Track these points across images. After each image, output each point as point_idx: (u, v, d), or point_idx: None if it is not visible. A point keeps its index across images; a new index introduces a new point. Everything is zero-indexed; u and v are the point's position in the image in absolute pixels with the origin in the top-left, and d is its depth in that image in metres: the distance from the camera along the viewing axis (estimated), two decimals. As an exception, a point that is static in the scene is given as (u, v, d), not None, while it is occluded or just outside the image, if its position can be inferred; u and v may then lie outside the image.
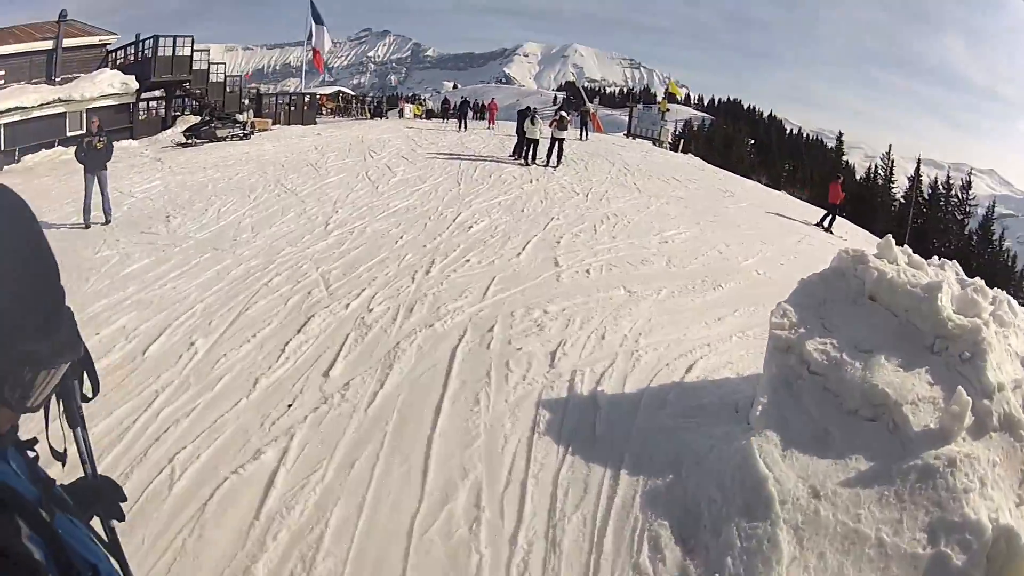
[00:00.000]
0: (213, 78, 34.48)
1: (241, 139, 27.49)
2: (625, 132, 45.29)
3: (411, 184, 17.35)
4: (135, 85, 29.55)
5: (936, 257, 6.61)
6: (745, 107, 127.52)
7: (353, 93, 59.98)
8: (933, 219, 61.16)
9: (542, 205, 15.77)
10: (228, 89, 35.64)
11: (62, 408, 1.38)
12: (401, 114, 44.39)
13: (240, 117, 29.48)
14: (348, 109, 46.72)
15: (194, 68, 32.46)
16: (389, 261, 10.64)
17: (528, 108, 23.19)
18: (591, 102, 39.98)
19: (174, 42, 30.97)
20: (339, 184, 17.09)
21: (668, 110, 44.95)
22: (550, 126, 22.84)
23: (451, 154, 23.58)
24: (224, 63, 39.14)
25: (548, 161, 22.07)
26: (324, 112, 45.20)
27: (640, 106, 47.08)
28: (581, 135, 32.91)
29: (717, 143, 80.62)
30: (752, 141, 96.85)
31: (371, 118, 42.72)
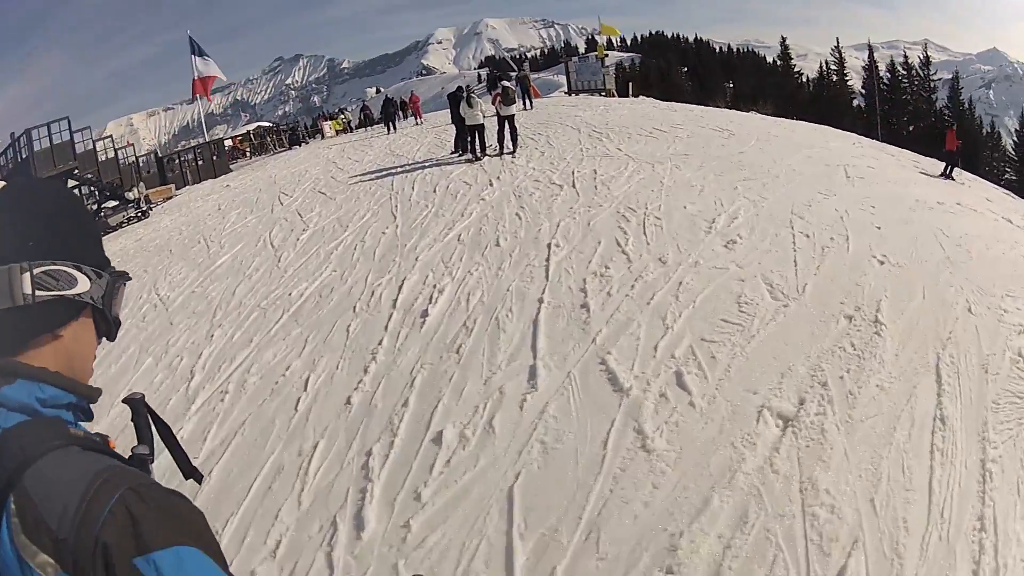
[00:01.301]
0: (102, 156, 29.21)
1: (138, 220, 22.78)
2: (566, 90, 40.14)
3: (328, 238, 12.02)
4: (21, 192, 24.17)
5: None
6: (669, 36, 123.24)
7: (270, 125, 53.92)
8: (900, 104, 56.00)
9: (521, 221, 10.46)
10: (122, 162, 30.39)
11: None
12: (322, 135, 38.75)
13: (130, 195, 24.76)
14: (264, 145, 40.80)
15: (78, 152, 27.24)
16: (278, 491, 5.06)
17: (459, 88, 17.54)
18: (521, 69, 34.29)
19: (49, 129, 25.85)
20: (229, 270, 11.71)
21: (607, 55, 39.44)
22: (493, 103, 17.23)
23: (380, 170, 18.26)
24: (111, 136, 33.90)
25: (502, 148, 16.84)
26: (243, 154, 39.77)
27: (575, 59, 41.34)
28: (524, 104, 28.05)
29: (653, 79, 75.33)
30: (685, 69, 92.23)
31: (289, 148, 36.95)
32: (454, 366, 6.21)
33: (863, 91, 61.30)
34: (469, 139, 16.77)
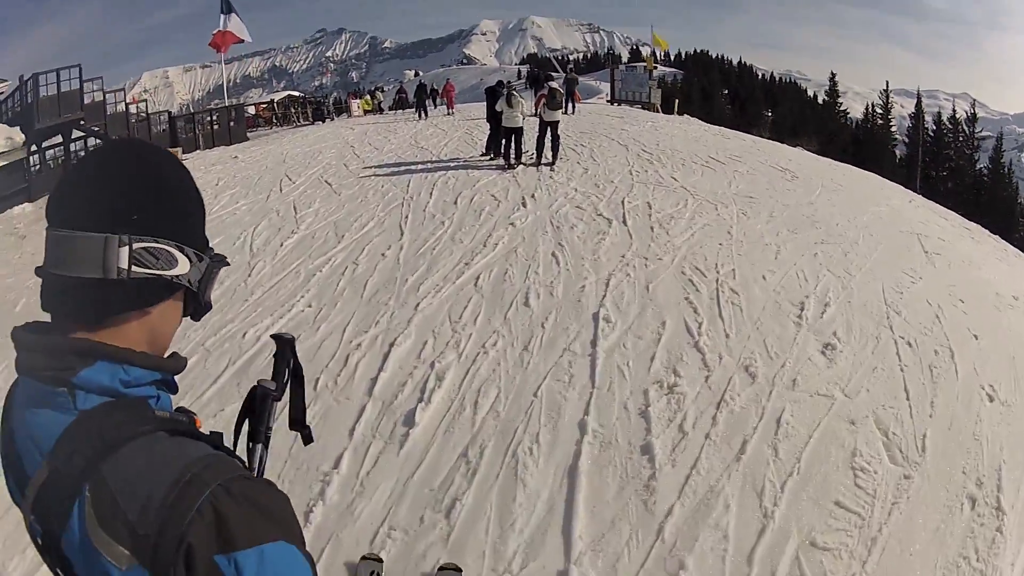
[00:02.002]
0: (111, 109, 27.44)
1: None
2: (608, 98, 37.72)
3: (316, 251, 9.67)
4: (21, 138, 22.88)
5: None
6: (713, 56, 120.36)
7: (299, 95, 51.49)
8: (941, 158, 53.19)
9: (559, 268, 8.11)
10: (133, 118, 28.53)
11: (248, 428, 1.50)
12: (348, 113, 36.41)
13: None
14: (287, 116, 38.48)
15: (86, 103, 25.44)
16: None
17: (500, 83, 15.19)
18: (568, 72, 31.81)
19: (58, 76, 24.10)
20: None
21: (656, 68, 37.03)
22: (536, 105, 14.87)
23: (399, 163, 15.96)
24: (123, 89, 31.74)
25: (539, 157, 14.49)
26: (265, 123, 37.53)
27: (623, 67, 38.94)
28: (566, 109, 25.49)
29: (695, 97, 72.76)
30: (726, 91, 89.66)
31: (312, 123, 34.62)
32: (438, 545, 3.88)
33: (905, 139, 58.42)
34: (504, 142, 14.45)
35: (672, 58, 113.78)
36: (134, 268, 0.97)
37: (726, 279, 7.56)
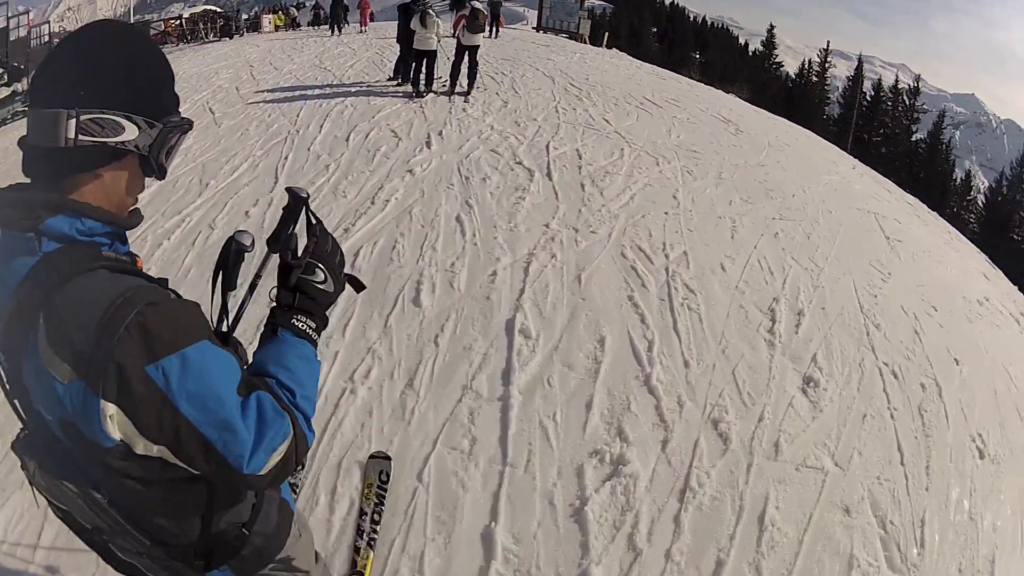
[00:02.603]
0: (14, 35, 24.23)
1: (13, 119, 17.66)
2: (535, 25, 35.12)
3: (172, 208, 7.19)
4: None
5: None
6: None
7: (216, 10, 46.79)
8: (875, 123, 52.69)
9: (464, 240, 6.22)
10: (34, 42, 25.10)
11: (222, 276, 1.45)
12: (259, 29, 33.10)
13: (20, 85, 20.32)
14: (196, 32, 34.74)
15: None
16: None
17: (415, 0, 12.73)
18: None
19: None
20: None
21: (587, -2, 34.74)
22: (455, 27, 12.67)
23: (295, 87, 13.61)
24: (27, 12, 27.70)
25: (453, 85, 12.41)
26: (172, 40, 33.88)
27: (552, -7, 36.24)
28: (490, 33, 23.52)
29: (623, 33, 70.33)
30: (655, 29, 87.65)
31: (219, 39, 31.19)
32: None
33: (840, 100, 57.78)
34: (414, 67, 12.25)
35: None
36: (81, 136, 1.15)
37: (678, 268, 5.83)
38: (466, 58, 12.24)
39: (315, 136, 9.56)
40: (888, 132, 51.58)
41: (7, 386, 1.22)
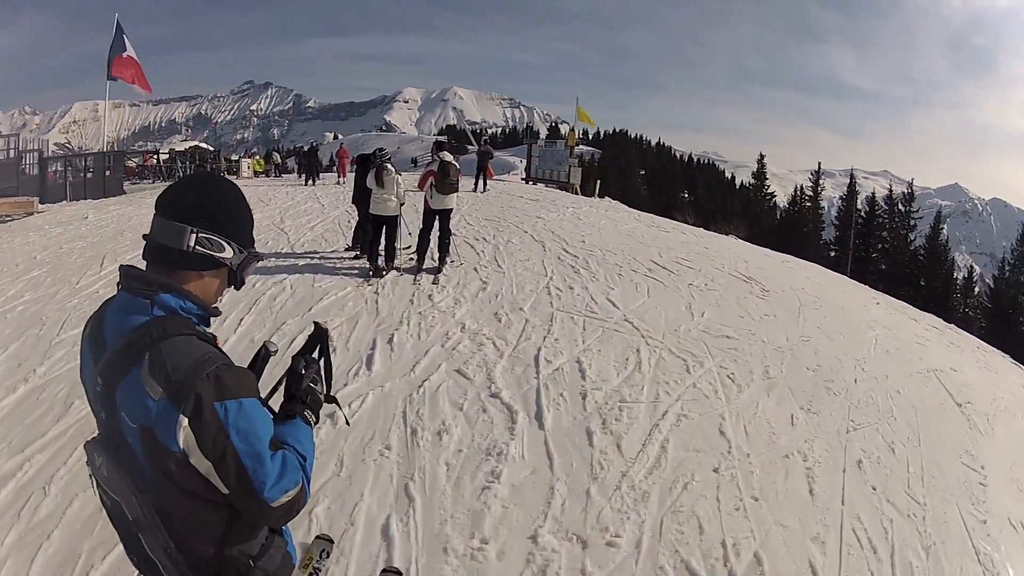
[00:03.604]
0: (2, 155, 23.60)
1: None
2: (524, 176, 33.64)
3: (19, 440, 5.03)
4: None
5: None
6: (632, 136, 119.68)
7: (212, 149, 45.81)
8: (872, 239, 50.96)
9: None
10: (2, 155, 23.86)
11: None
12: (238, 173, 31.49)
13: None
14: (172, 170, 33.22)
15: None
16: None
17: (375, 152, 10.43)
18: (484, 144, 27.63)
19: None
20: None
21: (577, 145, 33.33)
22: (421, 185, 10.18)
23: None
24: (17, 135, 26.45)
25: (420, 261, 10.07)
26: (150, 174, 32.36)
27: (541, 142, 34.90)
28: (476, 186, 22.59)
29: (611, 177, 69.86)
30: (643, 171, 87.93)
31: None
32: None
33: (835, 222, 56.24)
34: (372, 236, 9.87)
35: (590, 137, 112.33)
36: (197, 248, 1.67)
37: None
38: (436, 224, 9.89)
39: (226, 338, 7.02)
40: (886, 247, 49.59)
41: (98, 400, 1.65)
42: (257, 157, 35.10)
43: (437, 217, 9.85)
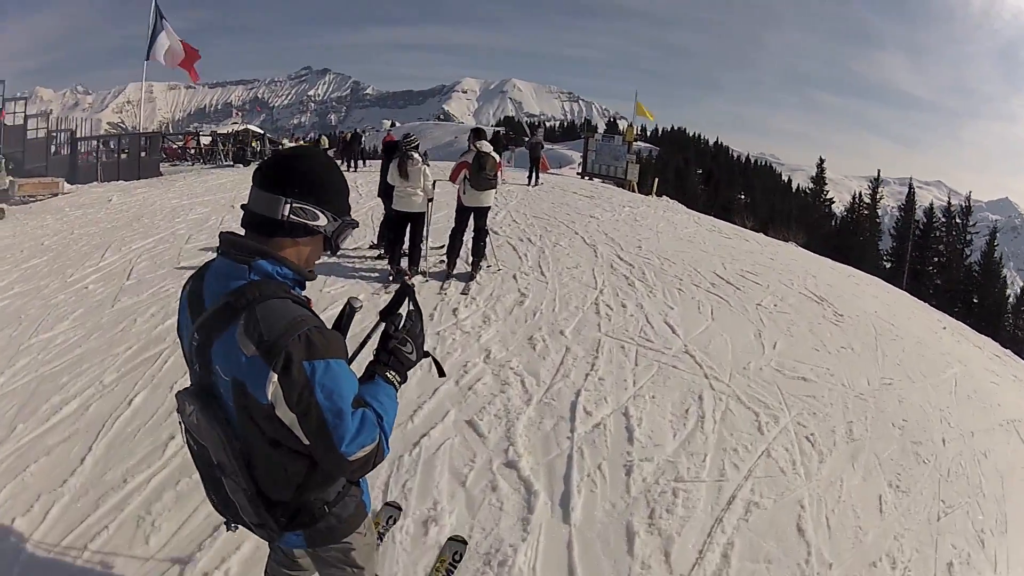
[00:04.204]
0: (9, 120, 22.67)
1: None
2: (579, 171, 32.15)
3: None
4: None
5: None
6: (690, 135, 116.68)
7: (261, 132, 45.12)
8: (929, 251, 48.14)
9: None
10: (30, 135, 23.19)
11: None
12: (274, 157, 30.56)
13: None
14: (213, 153, 32.42)
15: None
16: None
17: (405, 137, 8.97)
18: (536, 135, 26.23)
19: None
20: None
21: (635, 140, 31.62)
22: (453, 178, 8.63)
23: None
24: (24, 98, 26.42)
25: (450, 266, 8.72)
26: (187, 159, 31.63)
27: (598, 136, 33.19)
28: (530, 179, 21.31)
29: (669, 175, 67.59)
30: (700, 171, 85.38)
31: (233, 164, 28.80)
32: None
33: (892, 232, 53.34)
34: (392, 237, 8.59)
35: (648, 134, 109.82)
36: (292, 216, 1.77)
37: None
38: (471, 222, 8.54)
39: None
40: (943, 261, 46.81)
41: (194, 354, 1.78)
42: (301, 142, 34.00)
43: (471, 216, 8.49)
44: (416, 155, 8.30)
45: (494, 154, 8.42)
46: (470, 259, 8.66)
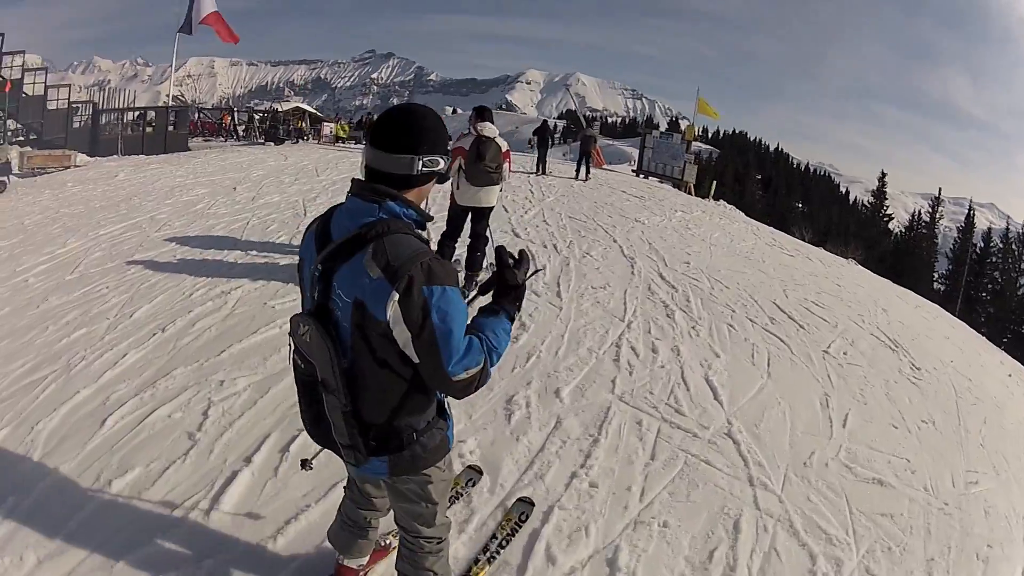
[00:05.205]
0: (29, 90, 22.20)
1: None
2: (634, 169, 29.89)
3: None
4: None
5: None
6: (751, 139, 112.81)
7: (310, 110, 43.56)
8: (984, 278, 45.02)
9: None
10: (52, 105, 22.77)
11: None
12: (316, 136, 28.94)
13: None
14: (250, 130, 31.08)
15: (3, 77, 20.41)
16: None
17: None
18: (591, 127, 24.41)
19: None
20: None
21: (696, 139, 29.39)
22: (447, 167, 6.68)
23: (231, 247, 8.66)
24: (45, 68, 25.80)
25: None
26: (225, 132, 30.34)
27: (656, 134, 30.88)
28: (578, 172, 20.11)
29: (727, 179, 64.77)
30: (759, 176, 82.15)
31: (264, 143, 27.43)
32: None
33: (949, 254, 50.13)
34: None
35: (709, 135, 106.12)
36: (422, 168, 1.95)
37: None
38: (467, 224, 6.78)
39: (85, 385, 4.33)
40: (997, 287, 43.80)
41: (314, 281, 1.96)
42: (342, 122, 32.33)
43: (468, 217, 6.60)
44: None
45: (500, 140, 6.49)
46: (463, 272, 6.79)
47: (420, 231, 1.99)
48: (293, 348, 2.08)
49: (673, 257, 9.67)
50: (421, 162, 1.94)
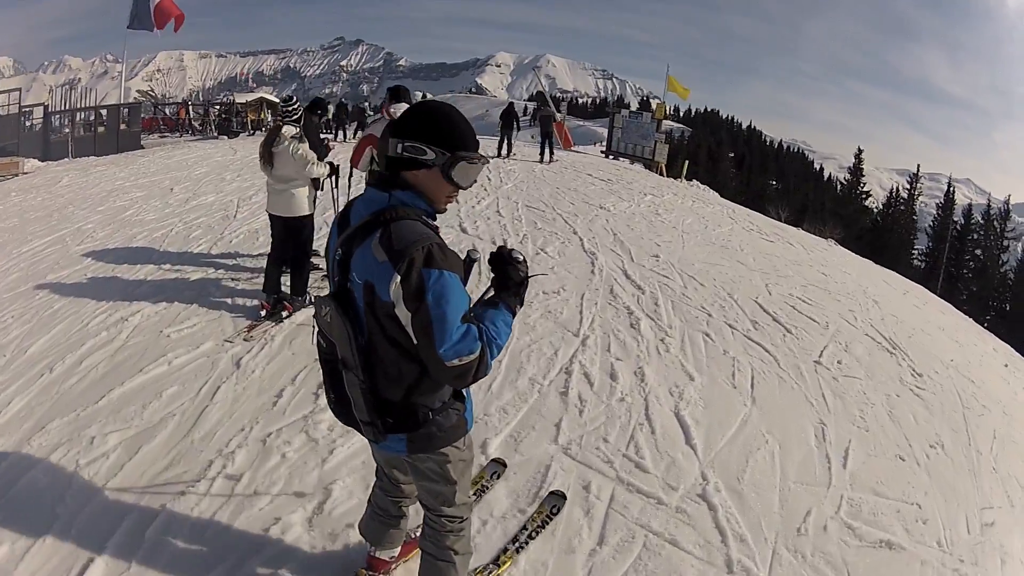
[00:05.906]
0: (2, 111, 21.16)
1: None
2: (603, 149, 29.03)
3: None
4: None
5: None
6: (723, 117, 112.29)
7: (275, 101, 41.88)
8: (964, 255, 44.33)
9: None
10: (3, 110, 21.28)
11: None
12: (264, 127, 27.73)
13: None
14: (206, 124, 29.65)
15: None
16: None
17: (285, 100, 5.98)
18: (547, 107, 23.54)
19: None
20: None
21: (667, 118, 28.46)
22: (357, 156, 5.54)
23: (140, 261, 7.62)
24: (20, 90, 23.83)
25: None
26: (183, 129, 28.93)
27: (625, 113, 29.79)
28: (543, 155, 19.36)
29: (700, 158, 63.90)
30: (732, 155, 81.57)
31: (217, 136, 26.16)
32: None
33: (929, 231, 49.40)
34: (271, 251, 5.84)
35: (680, 114, 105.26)
36: (404, 152, 1.94)
37: None
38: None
39: None
40: (979, 265, 42.91)
41: (337, 264, 2.02)
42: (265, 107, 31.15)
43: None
44: (293, 128, 5.35)
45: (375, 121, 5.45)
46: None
47: (429, 219, 2.02)
48: (316, 330, 2.15)
49: (641, 250, 8.66)
50: (401, 146, 1.96)
